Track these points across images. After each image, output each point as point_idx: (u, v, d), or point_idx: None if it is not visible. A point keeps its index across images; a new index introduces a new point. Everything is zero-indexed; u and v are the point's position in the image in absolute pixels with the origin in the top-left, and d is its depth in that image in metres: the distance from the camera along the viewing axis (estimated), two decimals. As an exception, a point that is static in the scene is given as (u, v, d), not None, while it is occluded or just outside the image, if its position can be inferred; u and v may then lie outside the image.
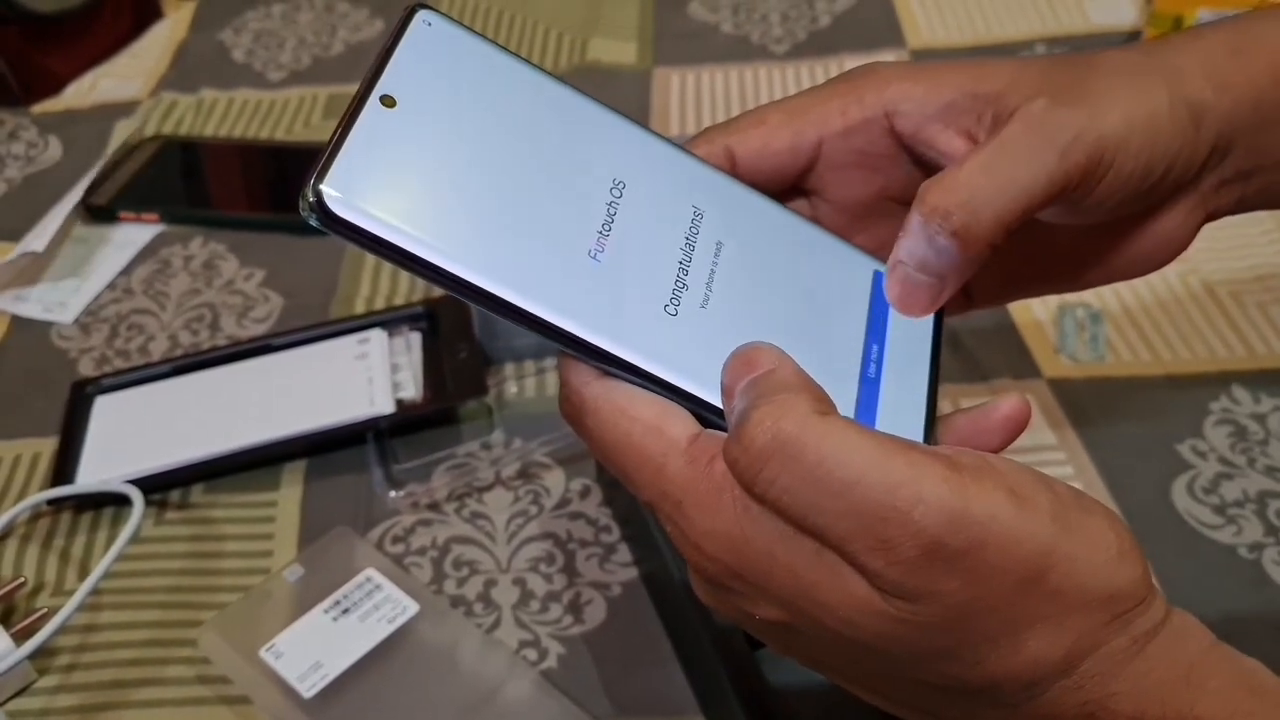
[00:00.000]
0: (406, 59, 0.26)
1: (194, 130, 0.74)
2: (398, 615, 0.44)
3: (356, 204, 0.24)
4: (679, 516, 0.25)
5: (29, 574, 0.47)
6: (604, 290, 0.26)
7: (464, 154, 0.26)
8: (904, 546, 0.22)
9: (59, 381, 0.56)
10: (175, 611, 0.46)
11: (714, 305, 0.27)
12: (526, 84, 0.27)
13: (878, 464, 0.22)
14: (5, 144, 0.74)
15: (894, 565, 0.22)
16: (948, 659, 0.24)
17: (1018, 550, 0.22)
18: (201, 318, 0.60)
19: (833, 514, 0.23)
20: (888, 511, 0.22)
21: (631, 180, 0.28)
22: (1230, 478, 0.48)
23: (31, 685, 0.43)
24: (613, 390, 0.26)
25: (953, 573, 0.22)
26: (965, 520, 0.22)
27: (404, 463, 0.50)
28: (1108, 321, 0.56)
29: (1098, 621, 0.23)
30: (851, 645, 0.24)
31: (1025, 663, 0.23)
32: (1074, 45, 0.76)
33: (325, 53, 0.82)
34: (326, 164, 0.24)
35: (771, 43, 0.80)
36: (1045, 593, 0.23)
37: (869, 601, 0.23)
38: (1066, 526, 0.23)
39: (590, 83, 0.77)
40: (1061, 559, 0.23)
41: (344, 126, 0.25)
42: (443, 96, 0.26)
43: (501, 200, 0.26)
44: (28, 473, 0.52)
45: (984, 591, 0.23)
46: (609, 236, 0.27)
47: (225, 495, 0.50)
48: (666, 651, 0.43)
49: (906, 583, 0.22)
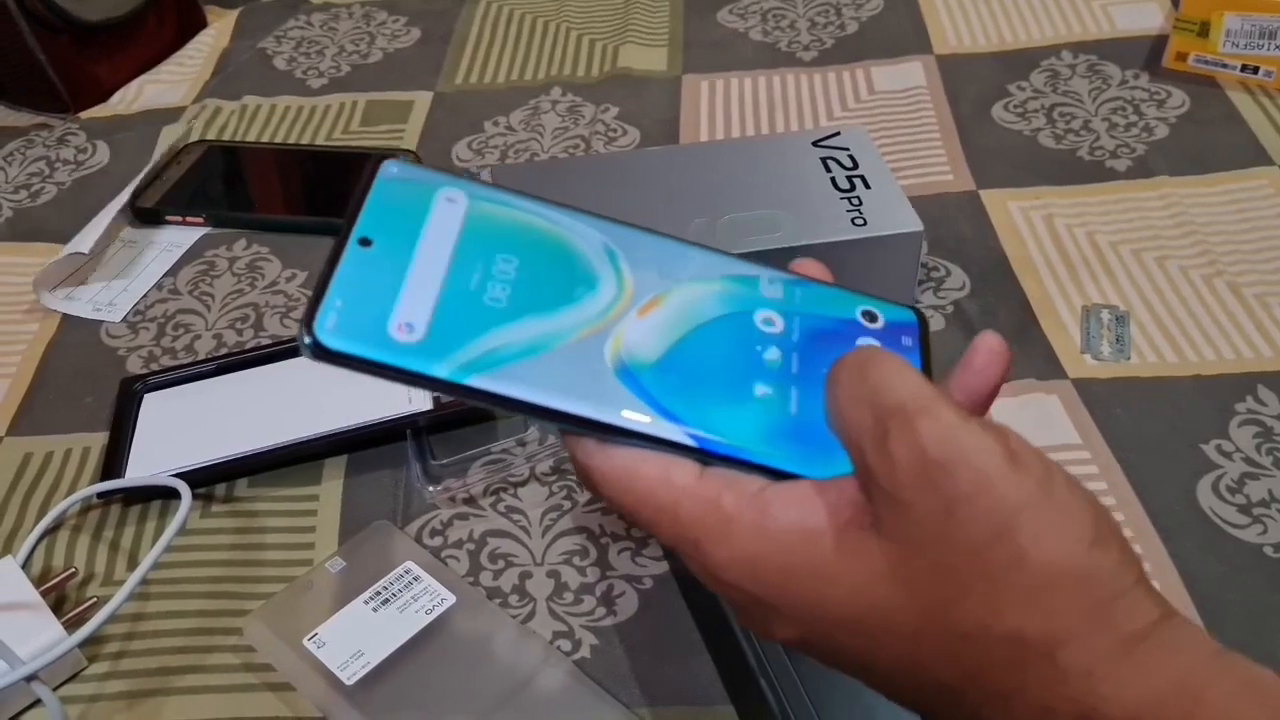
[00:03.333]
0: (378, 204, 0.29)
1: (237, 135, 0.76)
2: (436, 606, 0.45)
3: (348, 335, 0.26)
4: (698, 554, 0.27)
5: (79, 564, 0.49)
6: (586, 368, 0.28)
7: (440, 275, 0.28)
8: (896, 441, 0.25)
9: (108, 378, 0.57)
10: (221, 601, 0.47)
11: (683, 358, 0.29)
12: (491, 204, 0.30)
13: (915, 383, 0.26)
14: (55, 149, 0.77)
15: (884, 457, 0.25)
16: (938, 632, 0.25)
17: (991, 493, 0.24)
18: (245, 317, 0.62)
19: (861, 405, 0.26)
20: (898, 410, 0.25)
21: (594, 265, 0.30)
22: (1256, 478, 0.48)
23: (82, 672, 0.45)
24: (614, 457, 0.28)
25: (929, 488, 0.24)
26: (953, 441, 0.24)
27: (441, 459, 0.52)
28: (1133, 322, 0.56)
29: (1072, 607, 0.24)
30: (863, 642, 0.26)
31: (1003, 636, 0.24)
32: (1100, 52, 0.77)
33: (364, 60, 0.84)
34: (314, 305, 0.27)
35: (800, 50, 0.81)
36: (1013, 552, 0.24)
37: (876, 571, 0.25)
38: (1047, 494, 0.24)
39: (621, 90, 0.78)
40: (1030, 520, 0.24)
41: (328, 269, 0.27)
42: (413, 231, 0.28)
43: (477, 307, 0.28)
44: (78, 467, 0.54)
45: (953, 526, 0.24)
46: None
47: (269, 489, 0.52)
48: (697, 643, 0.44)
49: (890, 482, 0.25)
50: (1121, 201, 0.64)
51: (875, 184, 0.57)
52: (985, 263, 0.61)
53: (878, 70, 0.78)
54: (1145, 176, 0.66)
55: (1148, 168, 0.66)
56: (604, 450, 0.28)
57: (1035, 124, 0.71)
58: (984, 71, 0.76)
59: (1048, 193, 0.65)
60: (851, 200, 0.56)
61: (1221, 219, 0.62)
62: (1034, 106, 0.73)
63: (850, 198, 0.56)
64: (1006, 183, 0.66)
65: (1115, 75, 0.75)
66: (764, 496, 0.26)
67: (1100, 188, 0.65)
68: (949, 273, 0.60)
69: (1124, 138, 0.69)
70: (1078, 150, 0.68)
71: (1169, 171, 0.66)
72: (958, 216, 0.64)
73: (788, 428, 0.28)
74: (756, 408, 0.29)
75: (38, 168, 0.75)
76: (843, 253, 0.54)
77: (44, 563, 0.49)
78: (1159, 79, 0.74)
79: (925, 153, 0.70)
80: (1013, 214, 0.64)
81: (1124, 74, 0.75)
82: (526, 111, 0.77)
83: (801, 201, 0.56)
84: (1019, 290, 0.59)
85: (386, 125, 0.76)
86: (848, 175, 0.58)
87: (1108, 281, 0.59)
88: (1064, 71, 0.76)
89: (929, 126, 0.72)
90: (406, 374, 0.27)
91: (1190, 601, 0.44)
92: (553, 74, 0.81)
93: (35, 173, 0.75)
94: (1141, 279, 0.59)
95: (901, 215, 0.55)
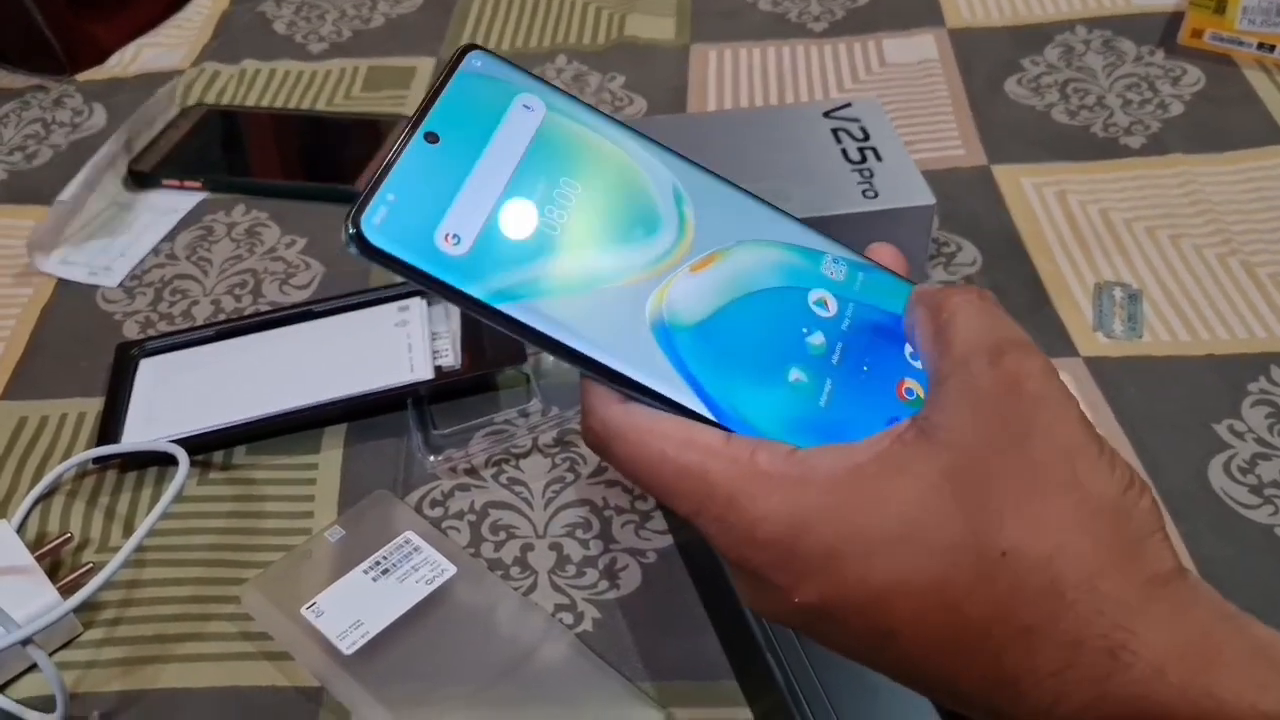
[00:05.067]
0: (453, 98, 0.27)
1: (235, 100, 0.75)
2: (436, 577, 0.44)
3: (393, 235, 0.25)
4: (730, 513, 0.26)
5: (75, 530, 0.48)
6: (623, 317, 0.27)
7: (498, 189, 0.27)
8: (1013, 364, 0.26)
9: (104, 343, 0.56)
10: (218, 569, 0.47)
11: (724, 326, 0.28)
12: (568, 120, 0.28)
13: (1019, 328, 0.27)
14: (51, 111, 0.75)
15: (995, 368, 0.26)
16: (979, 548, 0.24)
17: (1067, 427, 0.25)
18: (244, 284, 0.61)
19: (980, 325, 0.27)
20: (1020, 343, 0.26)
21: (653, 202, 0.28)
22: (1268, 458, 0.48)
23: (78, 638, 0.44)
24: (634, 414, 0.27)
25: (1019, 409, 0.25)
26: (1056, 385, 0.26)
27: (442, 429, 0.51)
28: (1146, 300, 0.56)
29: (1114, 540, 0.24)
30: (893, 573, 0.25)
31: (1044, 555, 0.24)
32: (1115, 27, 0.76)
33: (365, 25, 0.83)
34: (368, 197, 0.25)
35: (810, 20, 0.80)
36: (1068, 478, 0.25)
37: (923, 476, 0.25)
38: (1102, 444, 0.26)
39: (628, 58, 0.77)
40: (1088, 456, 0.25)
41: (388, 161, 0.26)
42: (483, 134, 0.27)
43: (528, 231, 0.27)
44: (74, 432, 0.53)
45: (1027, 442, 0.25)
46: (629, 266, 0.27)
47: (267, 457, 0.51)
48: (701, 617, 0.44)
49: (994, 387, 0.26)
50: (1136, 179, 0.63)
51: (887, 156, 0.56)
52: (997, 238, 0.60)
53: (889, 42, 0.77)
54: (1160, 154, 0.65)
55: (1162, 145, 0.65)
56: (624, 405, 0.27)
57: (1049, 99, 0.70)
58: (997, 45, 0.75)
59: (1061, 169, 0.64)
60: (862, 172, 0.55)
61: (1236, 198, 0.61)
62: (1047, 81, 0.72)
63: (861, 170, 0.56)
64: (1019, 158, 0.66)
65: (1130, 51, 0.74)
66: (799, 455, 0.26)
67: (1114, 164, 0.64)
68: (960, 248, 0.60)
69: (1138, 114, 0.68)
70: (1091, 126, 0.67)
71: (1184, 149, 0.65)
72: (969, 191, 0.63)
73: (813, 420, 0.28)
74: (786, 393, 0.28)
75: (33, 130, 0.74)
76: (853, 225, 0.53)
77: (39, 528, 0.49)
78: (1174, 55, 0.73)
79: (937, 127, 0.69)
80: (1025, 190, 0.63)
81: (1139, 50, 0.74)
82: (531, 79, 0.76)
83: (811, 173, 0.56)
84: (1031, 267, 0.58)
85: (388, 91, 0.75)
86: (859, 147, 0.57)
87: (1121, 259, 0.58)
88: (1078, 47, 0.75)
89: (941, 100, 0.71)
90: (441, 285, 0.26)
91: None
92: (558, 41, 0.80)
93: (31, 135, 0.74)
94: (1155, 257, 0.58)
95: (913, 188, 0.55)
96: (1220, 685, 0.23)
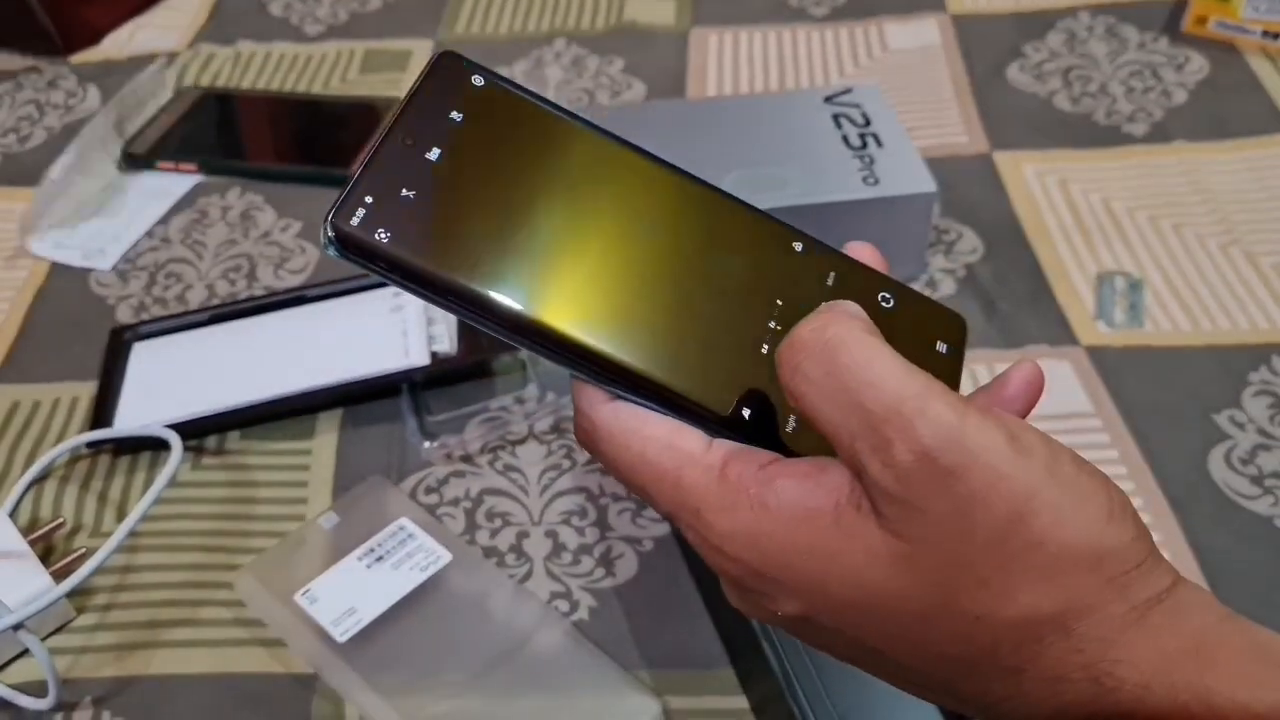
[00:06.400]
0: (430, 101, 0.27)
1: (230, 83, 0.74)
2: (430, 564, 0.44)
3: (371, 235, 0.25)
4: (699, 524, 0.26)
5: (67, 515, 0.48)
6: (606, 309, 0.27)
7: (473, 190, 0.27)
8: (900, 450, 0.23)
9: (98, 327, 0.56)
10: (211, 555, 0.46)
11: (711, 318, 0.28)
12: (543, 124, 0.28)
13: (897, 377, 0.24)
14: (44, 93, 0.75)
15: (889, 468, 0.23)
16: (949, 614, 0.24)
17: (1003, 485, 0.23)
18: (239, 268, 0.60)
19: (846, 409, 0.24)
20: (892, 415, 0.23)
21: (630, 202, 0.28)
22: (1268, 449, 0.48)
23: (70, 623, 0.44)
24: (622, 412, 0.27)
25: (942, 493, 0.23)
26: (959, 443, 0.23)
27: (438, 415, 0.51)
28: (1147, 289, 0.55)
29: (1090, 583, 0.23)
30: (867, 620, 0.25)
31: (1019, 616, 0.23)
32: (1119, 14, 0.75)
33: (362, 8, 0.82)
34: (346, 199, 0.25)
35: (810, 5, 0.79)
36: (1030, 539, 0.23)
37: (877, 554, 0.24)
38: (1056, 476, 0.23)
39: (627, 42, 0.76)
40: (1045, 505, 0.23)
41: (365, 163, 0.26)
42: (459, 137, 0.27)
43: (510, 228, 0.27)
44: (66, 416, 0.53)
45: (969, 525, 0.23)
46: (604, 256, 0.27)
47: (261, 443, 0.51)
48: (697, 606, 0.43)
49: (900, 490, 0.23)
50: (1138, 167, 0.63)
51: (888, 142, 0.56)
52: (998, 226, 0.60)
53: (891, 27, 0.76)
54: (1162, 142, 0.64)
55: (1165, 133, 0.65)
56: (612, 405, 0.27)
57: (1051, 86, 0.69)
58: (999, 31, 0.75)
59: (1063, 156, 0.64)
60: (863, 159, 0.55)
61: (1239, 187, 0.61)
62: (1050, 68, 0.71)
63: (862, 156, 0.55)
64: (1021, 145, 0.65)
65: (1133, 38, 0.73)
66: (769, 471, 0.25)
67: (1117, 152, 0.64)
68: (961, 236, 0.59)
69: (1141, 102, 0.68)
70: (1094, 114, 0.67)
71: (1187, 137, 0.65)
72: (970, 179, 0.63)
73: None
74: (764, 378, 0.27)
75: (27, 111, 0.73)
76: (853, 212, 0.53)
77: (31, 513, 0.49)
78: (1178, 43, 0.72)
79: (938, 113, 0.68)
80: (1027, 177, 0.63)
81: (1142, 37, 0.73)
82: (529, 63, 0.75)
83: (811, 159, 0.55)
84: (1032, 255, 0.58)
85: (385, 74, 0.75)
86: (859, 133, 0.56)
87: (1122, 248, 0.58)
88: (1081, 33, 0.74)
89: (942, 86, 0.70)
90: (422, 283, 0.26)
91: (1200, 572, 0.43)
92: (557, 25, 0.79)
93: (25, 116, 0.73)
94: (1157, 246, 0.58)
95: (914, 175, 0.54)
96: (1217, 687, 0.23)
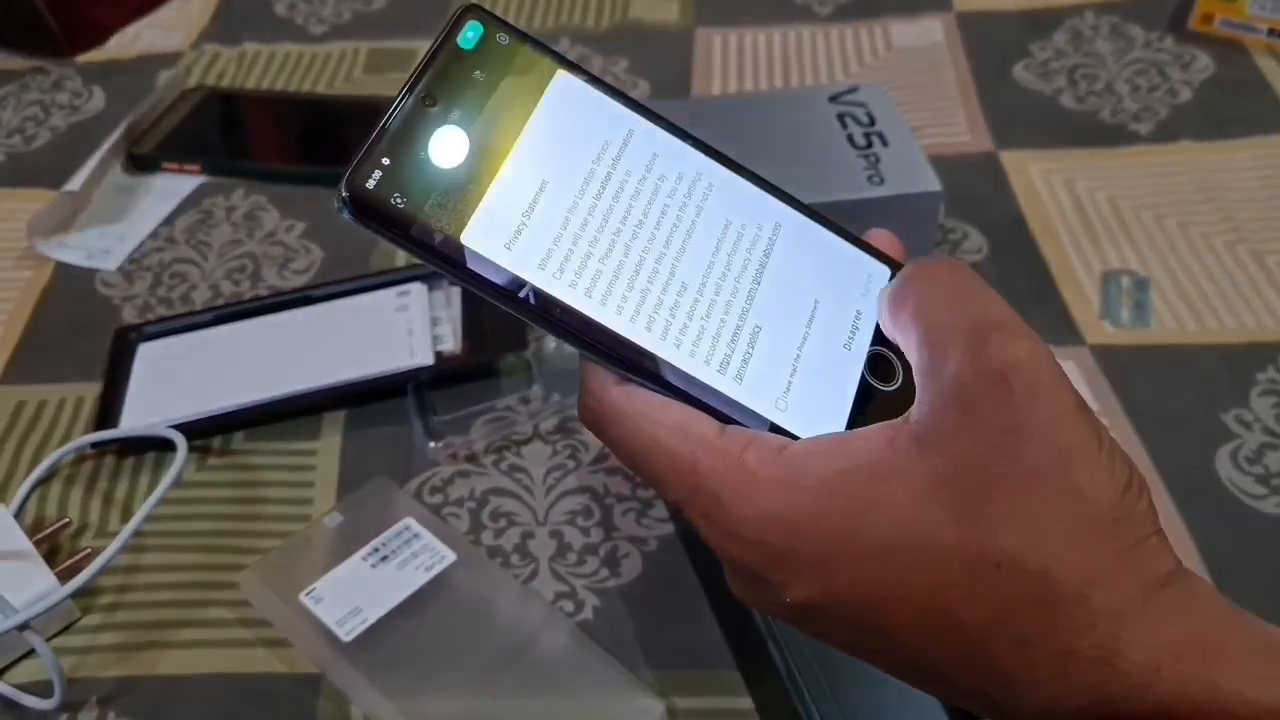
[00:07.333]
0: (451, 60, 0.26)
1: (236, 83, 0.75)
2: (435, 564, 0.44)
3: (387, 198, 0.25)
4: (716, 510, 0.25)
5: (73, 515, 0.48)
6: (628, 285, 0.26)
7: (494, 153, 0.26)
8: (994, 349, 0.24)
9: (102, 327, 0.56)
10: (217, 555, 0.46)
11: (733, 307, 0.27)
12: (570, 89, 0.28)
13: (1004, 303, 0.26)
14: (50, 93, 0.75)
15: (977, 361, 0.24)
16: (972, 559, 0.24)
17: (1066, 420, 0.24)
18: (243, 268, 0.60)
19: (958, 313, 0.26)
20: (1003, 323, 0.25)
21: (660, 172, 0.28)
22: (1275, 448, 0.47)
23: (75, 623, 0.44)
24: (633, 396, 0.26)
25: (1011, 405, 0.24)
26: (1048, 369, 0.24)
27: (443, 415, 0.51)
28: (1154, 288, 0.55)
29: (1106, 551, 0.23)
30: (886, 572, 0.25)
31: (1038, 569, 0.23)
32: (1124, 12, 0.75)
33: (366, 8, 0.82)
34: (363, 160, 0.25)
35: (815, 4, 0.79)
36: (1065, 484, 0.24)
37: (916, 485, 0.24)
38: (1103, 441, 0.24)
39: (631, 41, 0.76)
40: (1086, 458, 0.24)
41: (382, 123, 0.25)
42: (482, 97, 0.26)
43: (529, 199, 0.26)
44: (72, 416, 0.53)
45: (1019, 449, 0.24)
46: (624, 234, 0.27)
47: (266, 443, 0.51)
48: (702, 606, 0.43)
49: (974, 387, 0.24)
50: (1144, 165, 0.63)
51: (893, 141, 0.56)
52: (1004, 225, 0.59)
53: (896, 26, 0.76)
54: (1168, 140, 0.64)
55: (1171, 131, 0.65)
56: (624, 387, 0.26)
57: (1056, 85, 0.69)
58: (1005, 30, 0.74)
59: (1069, 155, 0.64)
60: (868, 158, 0.55)
61: (1245, 185, 0.61)
62: (1055, 67, 0.71)
63: (867, 155, 0.55)
64: (1027, 144, 0.65)
65: (1139, 37, 0.73)
66: (789, 453, 0.25)
67: (1122, 151, 0.64)
68: (966, 235, 0.59)
69: (1147, 100, 0.67)
70: (1099, 112, 0.67)
71: (1192, 136, 0.64)
72: (976, 178, 0.63)
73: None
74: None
75: (32, 112, 0.73)
76: (858, 211, 0.53)
77: (37, 513, 0.49)
78: (1184, 41, 0.72)
79: (943, 112, 0.68)
80: (1033, 176, 0.63)
81: (1148, 35, 0.73)
82: (534, 63, 0.75)
83: (816, 158, 0.55)
84: (1038, 254, 0.57)
85: (389, 74, 0.75)
86: (865, 132, 0.56)
87: (1128, 246, 0.58)
88: (1086, 32, 0.74)
89: (948, 85, 0.70)
90: (433, 251, 0.25)
91: (1206, 571, 0.43)
92: (561, 23, 0.79)
93: (30, 117, 0.73)
94: (1163, 244, 0.58)
95: (920, 175, 0.54)
96: (1222, 680, 0.23)
